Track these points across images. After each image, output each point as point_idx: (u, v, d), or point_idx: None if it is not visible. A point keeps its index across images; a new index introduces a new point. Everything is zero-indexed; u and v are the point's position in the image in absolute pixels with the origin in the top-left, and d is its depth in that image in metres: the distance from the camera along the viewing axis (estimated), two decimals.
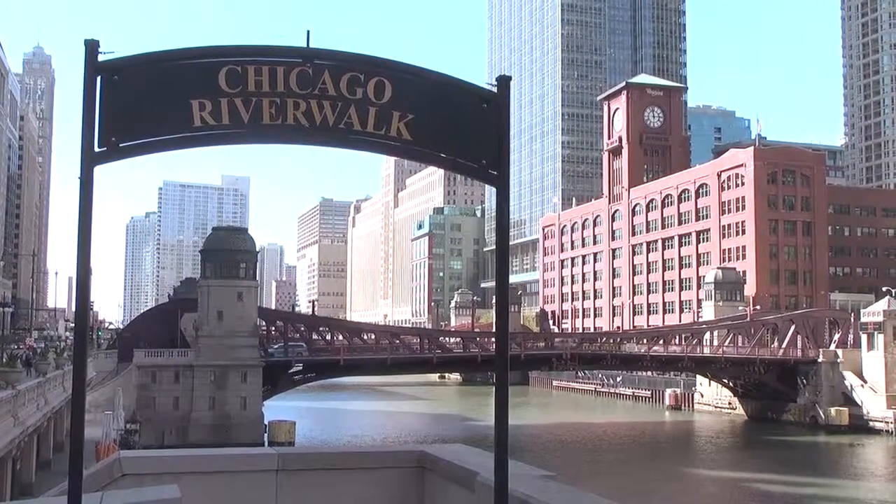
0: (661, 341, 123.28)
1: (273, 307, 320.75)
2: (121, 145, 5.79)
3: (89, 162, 5.69)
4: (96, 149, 5.72)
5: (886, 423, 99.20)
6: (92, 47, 5.75)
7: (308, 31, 6.08)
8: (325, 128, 6.04)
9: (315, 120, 6.01)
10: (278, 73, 5.95)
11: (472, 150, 6.30)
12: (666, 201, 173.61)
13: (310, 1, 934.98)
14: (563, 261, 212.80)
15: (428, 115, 6.17)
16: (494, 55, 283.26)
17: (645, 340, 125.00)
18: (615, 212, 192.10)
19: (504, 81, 6.33)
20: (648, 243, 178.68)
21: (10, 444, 37.60)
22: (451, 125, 6.25)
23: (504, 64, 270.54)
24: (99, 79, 5.74)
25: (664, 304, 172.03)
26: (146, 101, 5.84)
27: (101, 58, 5.77)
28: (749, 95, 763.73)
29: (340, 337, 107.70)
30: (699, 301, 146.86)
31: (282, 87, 5.95)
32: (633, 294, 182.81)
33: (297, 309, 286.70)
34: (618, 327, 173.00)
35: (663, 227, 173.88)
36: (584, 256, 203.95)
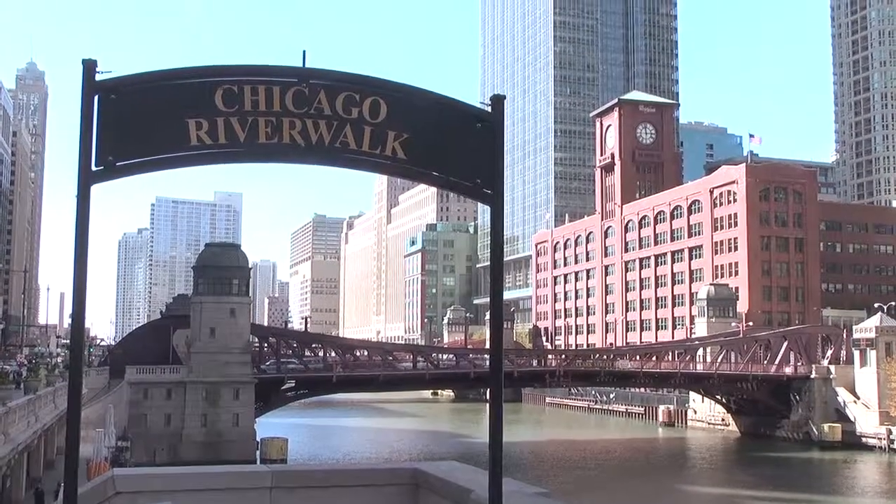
0: (653, 358, 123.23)
1: (266, 324, 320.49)
2: (118, 164, 5.81)
3: (86, 181, 5.70)
4: (93, 167, 5.74)
5: (879, 439, 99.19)
6: (90, 67, 5.78)
7: (304, 52, 6.11)
8: (321, 147, 6.06)
9: (311, 139, 6.03)
10: (274, 93, 5.98)
11: (467, 169, 6.34)
12: (658, 218, 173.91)
13: (304, 21, 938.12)
14: (555, 277, 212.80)
15: (423, 134, 6.20)
16: (487, 72, 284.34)
17: (638, 357, 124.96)
18: (608, 228, 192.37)
19: (498, 101, 6.38)
20: (641, 260, 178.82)
21: (0, 461, 37.38)
22: (445, 144, 6.28)
23: (497, 81, 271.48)
24: (96, 98, 5.76)
25: (657, 320, 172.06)
26: (143, 120, 5.86)
27: (98, 77, 5.80)
28: (741, 112, 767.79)
29: (333, 353, 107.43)
30: (692, 317, 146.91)
31: (278, 107, 5.98)
32: (626, 310, 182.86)
33: (289, 325, 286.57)
34: (611, 344, 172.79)
35: (656, 244, 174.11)
36: (576, 273, 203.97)
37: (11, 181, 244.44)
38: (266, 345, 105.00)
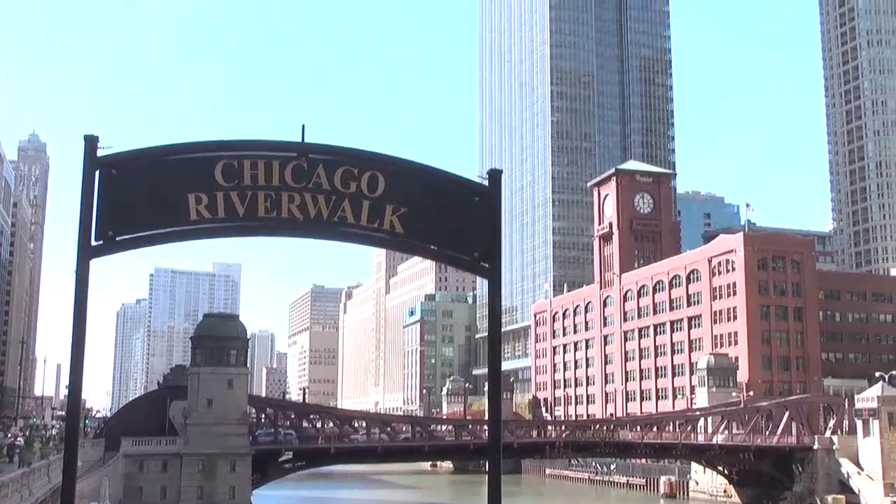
0: (654, 428, 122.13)
1: (263, 394, 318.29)
2: (117, 239, 5.79)
3: (85, 256, 5.67)
4: (93, 242, 5.73)
5: None
6: (91, 142, 5.80)
7: (303, 126, 6.14)
8: (319, 221, 6.06)
9: (309, 213, 6.03)
10: (274, 167, 6.00)
11: (465, 243, 6.32)
12: (657, 287, 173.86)
13: (303, 95, 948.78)
14: (555, 347, 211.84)
15: (421, 208, 6.20)
16: (485, 142, 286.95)
17: (638, 427, 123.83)
18: (607, 298, 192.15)
19: (495, 176, 6.40)
20: (640, 329, 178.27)
21: None
22: (443, 218, 6.28)
23: (495, 151, 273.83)
24: (97, 173, 5.79)
25: (657, 390, 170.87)
26: (143, 195, 5.85)
27: (100, 152, 5.82)
28: (737, 181, 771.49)
29: (331, 424, 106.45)
30: (692, 387, 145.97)
31: (277, 181, 5.99)
32: (626, 380, 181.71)
33: (287, 396, 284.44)
34: (611, 414, 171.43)
35: (655, 313, 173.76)
36: (575, 343, 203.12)
37: (11, 252, 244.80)
38: (264, 416, 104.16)
